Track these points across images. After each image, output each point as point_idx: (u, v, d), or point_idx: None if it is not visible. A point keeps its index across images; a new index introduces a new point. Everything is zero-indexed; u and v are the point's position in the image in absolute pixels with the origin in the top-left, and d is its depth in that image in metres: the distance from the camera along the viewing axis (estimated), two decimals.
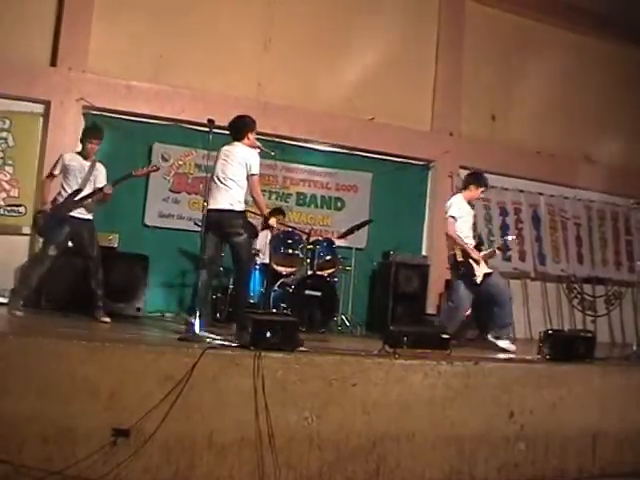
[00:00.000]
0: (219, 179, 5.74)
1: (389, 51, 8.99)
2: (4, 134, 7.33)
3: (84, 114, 7.57)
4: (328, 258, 7.34)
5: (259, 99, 8.20)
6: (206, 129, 5.49)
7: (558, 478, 5.11)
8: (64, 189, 6.05)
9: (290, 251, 7.10)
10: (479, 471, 4.83)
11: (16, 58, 7.24)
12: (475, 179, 6.69)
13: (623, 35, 10.04)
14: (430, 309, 8.54)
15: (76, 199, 6.01)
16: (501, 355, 5.97)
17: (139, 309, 6.96)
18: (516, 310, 6.72)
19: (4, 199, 7.31)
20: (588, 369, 5.45)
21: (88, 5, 7.62)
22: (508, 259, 9.28)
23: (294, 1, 8.64)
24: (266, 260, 7.22)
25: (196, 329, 4.88)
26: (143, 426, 3.89)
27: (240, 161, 5.74)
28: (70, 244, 6.13)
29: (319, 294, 7.03)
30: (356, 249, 7.93)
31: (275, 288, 7.10)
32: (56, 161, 6.22)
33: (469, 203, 6.58)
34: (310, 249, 7.28)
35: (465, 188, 6.67)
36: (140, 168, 6.43)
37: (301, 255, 7.16)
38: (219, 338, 4.81)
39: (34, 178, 7.33)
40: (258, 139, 6.06)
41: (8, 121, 7.32)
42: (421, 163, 9.26)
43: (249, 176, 5.75)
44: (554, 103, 9.85)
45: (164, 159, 7.97)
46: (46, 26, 7.53)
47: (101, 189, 6.04)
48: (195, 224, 7.10)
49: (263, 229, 7.44)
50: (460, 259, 6.32)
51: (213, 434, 4.09)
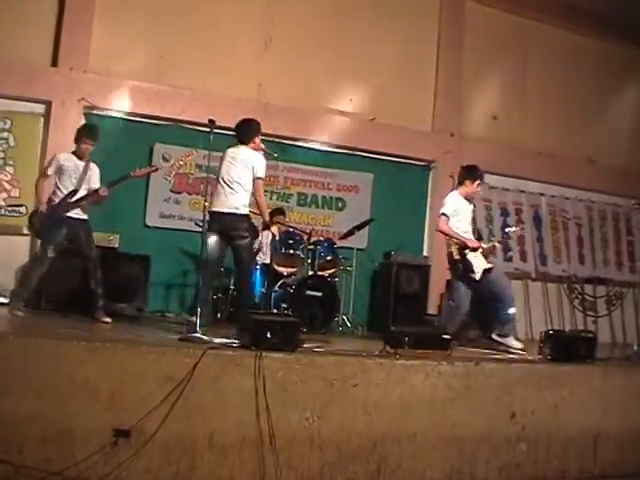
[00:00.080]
0: (224, 181, 5.73)
1: (390, 51, 8.99)
2: (5, 134, 7.33)
3: (85, 114, 7.56)
4: (329, 258, 7.34)
5: (260, 99, 8.20)
6: (207, 129, 5.48)
7: (559, 479, 5.10)
8: (59, 189, 6.00)
9: (291, 251, 7.11)
10: (480, 472, 4.82)
11: (17, 58, 7.24)
12: (468, 173, 6.53)
13: (623, 35, 10.02)
14: (431, 309, 8.53)
15: (72, 200, 5.96)
16: (501, 355, 5.93)
17: (140, 309, 6.95)
18: (517, 310, 6.68)
19: (5, 199, 7.31)
20: (589, 369, 5.44)
21: (89, 5, 7.62)
22: (509, 259, 9.29)
23: (294, 1, 8.64)
24: (267, 260, 7.21)
25: (197, 329, 4.87)
26: (144, 426, 3.88)
27: (246, 164, 5.74)
28: (68, 245, 6.10)
29: (320, 294, 7.02)
30: (357, 249, 7.93)
31: (276, 288, 7.08)
32: (50, 161, 6.17)
33: (467, 199, 6.45)
34: (311, 249, 7.28)
35: (461, 184, 6.52)
36: (138, 169, 6.33)
37: (302, 255, 7.16)
38: (220, 338, 4.79)
39: (35, 178, 7.29)
40: (261, 140, 6.05)
41: (9, 121, 7.32)
42: (422, 163, 9.26)
43: (255, 179, 5.75)
44: (555, 103, 9.84)
45: (165, 159, 7.97)
46: (47, 26, 7.53)
47: (96, 191, 6.00)
48: (196, 224, 7.09)
49: (264, 229, 7.42)
50: (457, 257, 6.21)
51: (214, 434, 4.08)
